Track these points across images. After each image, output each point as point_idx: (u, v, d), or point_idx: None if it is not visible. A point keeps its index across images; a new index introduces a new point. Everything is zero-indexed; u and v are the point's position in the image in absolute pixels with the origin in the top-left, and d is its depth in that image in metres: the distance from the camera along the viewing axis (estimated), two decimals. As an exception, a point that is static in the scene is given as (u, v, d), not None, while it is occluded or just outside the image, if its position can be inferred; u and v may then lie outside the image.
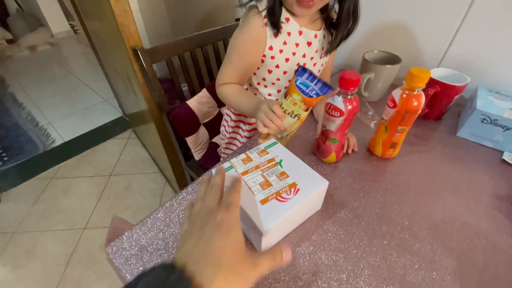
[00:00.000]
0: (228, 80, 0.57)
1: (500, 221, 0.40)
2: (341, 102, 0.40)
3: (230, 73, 0.56)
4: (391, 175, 0.47)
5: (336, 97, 0.40)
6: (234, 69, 0.55)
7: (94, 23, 1.09)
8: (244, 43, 0.52)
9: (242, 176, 0.37)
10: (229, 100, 0.56)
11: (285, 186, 0.35)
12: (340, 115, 0.40)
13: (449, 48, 0.61)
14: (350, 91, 0.39)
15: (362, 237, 0.38)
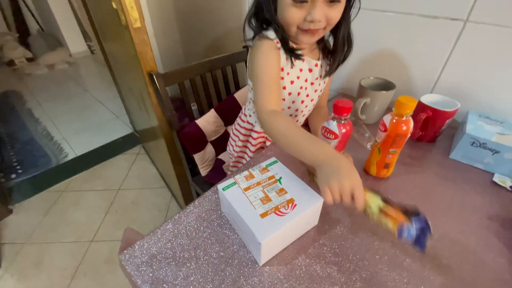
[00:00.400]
0: (272, 104, 0.50)
1: (489, 239, 0.42)
2: (335, 126, 0.44)
3: (268, 94, 0.51)
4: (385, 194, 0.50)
5: (331, 122, 0.45)
6: (270, 89, 0.51)
7: (112, 46, 1.19)
8: (268, 63, 0.52)
9: (244, 191, 0.41)
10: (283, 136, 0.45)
11: (284, 201, 0.39)
12: (335, 138, 0.44)
13: (440, 75, 0.66)
14: (343, 117, 0.43)
15: (355, 251, 0.40)
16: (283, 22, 0.50)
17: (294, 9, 0.47)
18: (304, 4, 0.46)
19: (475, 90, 0.63)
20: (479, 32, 0.58)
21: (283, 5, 0.48)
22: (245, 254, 0.40)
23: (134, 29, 0.71)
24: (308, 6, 0.46)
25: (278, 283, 0.37)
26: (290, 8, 0.47)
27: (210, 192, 0.50)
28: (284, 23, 0.50)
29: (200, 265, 0.39)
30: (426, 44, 0.65)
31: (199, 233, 0.43)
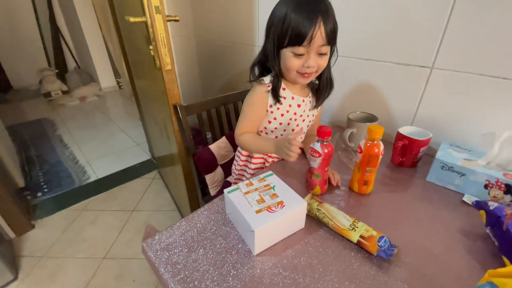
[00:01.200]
0: (245, 129, 0.75)
1: (451, 245, 0.50)
2: (319, 147, 0.56)
3: (245, 124, 0.75)
4: (365, 206, 0.59)
5: (316, 143, 0.57)
6: (248, 120, 0.74)
7: (143, 83, 1.39)
8: (253, 101, 0.73)
9: (245, 194, 0.51)
10: (250, 145, 0.74)
11: (275, 202, 0.49)
12: (319, 156, 0.56)
13: (417, 110, 0.78)
14: (325, 139, 0.55)
15: (334, 248, 0.49)
16: (286, 69, 0.66)
17: (295, 59, 0.63)
18: (301, 56, 0.63)
19: (448, 124, 0.74)
20: (444, 77, 0.70)
21: (286, 57, 0.64)
22: (243, 247, 0.49)
23: (165, 70, 0.89)
24: (305, 57, 0.63)
25: (267, 269, 0.45)
26: (292, 59, 0.63)
27: (217, 199, 0.61)
28: (286, 69, 0.66)
29: (206, 252, 0.48)
30: (403, 86, 0.78)
31: (207, 229, 0.53)
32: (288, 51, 0.62)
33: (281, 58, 0.66)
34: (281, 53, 0.65)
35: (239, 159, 0.88)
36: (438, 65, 0.70)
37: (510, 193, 0.57)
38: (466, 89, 0.68)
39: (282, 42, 0.62)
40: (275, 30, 0.62)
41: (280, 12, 0.60)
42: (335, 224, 0.51)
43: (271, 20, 0.64)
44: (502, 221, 0.47)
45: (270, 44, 0.65)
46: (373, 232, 0.49)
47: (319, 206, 0.55)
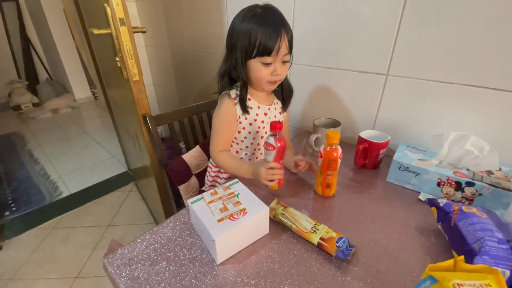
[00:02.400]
0: (220, 147, 0.75)
1: (406, 242, 0.52)
2: (273, 140, 0.59)
3: (219, 141, 0.75)
4: (328, 208, 0.61)
5: (270, 137, 0.60)
6: (221, 136, 0.75)
7: (114, 93, 1.37)
8: (223, 117, 0.74)
9: (208, 204, 0.52)
10: (226, 167, 0.73)
11: (237, 210, 0.50)
12: (273, 149, 0.59)
13: (377, 115, 0.82)
14: (277, 133, 0.58)
15: (296, 252, 0.50)
16: (256, 78, 0.69)
17: (264, 68, 0.67)
18: (269, 65, 0.66)
19: (405, 126, 0.78)
20: (398, 82, 0.75)
21: (255, 67, 0.67)
22: (207, 256, 0.50)
23: (133, 81, 0.88)
24: (272, 66, 0.67)
25: (230, 277, 0.46)
26: (261, 68, 0.67)
27: (184, 210, 0.61)
28: (257, 79, 0.69)
29: (169, 264, 0.48)
30: (363, 92, 0.83)
31: (172, 241, 0.53)
32: (256, 62, 0.66)
33: (249, 68, 0.68)
34: (249, 64, 0.68)
35: (211, 170, 0.88)
36: (392, 72, 0.75)
37: (461, 189, 0.61)
38: (419, 94, 0.73)
39: (250, 54, 0.66)
40: (242, 44, 0.65)
41: (245, 27, 0.64)
42: (297, 227, 0.52)
43: (234, 35, 0.67)
44: (450, 216, 0.51)
45: (236, 56, 0.68)
46: (333, 233, 0.51)
47: (283, 211, 0.56)
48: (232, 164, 0.71)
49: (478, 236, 0.44)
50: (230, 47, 0.69)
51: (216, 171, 0.85)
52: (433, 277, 0.34)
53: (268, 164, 0.60)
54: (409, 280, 0.45)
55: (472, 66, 0.64)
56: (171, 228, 0.56)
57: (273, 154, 0.60)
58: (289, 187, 0.69)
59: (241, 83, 0.71)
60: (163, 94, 1.88)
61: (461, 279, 0.32)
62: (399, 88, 0.76)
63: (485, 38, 0.60)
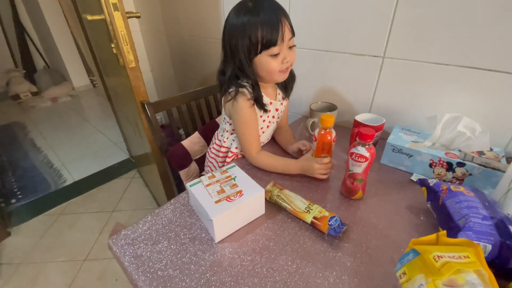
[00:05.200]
0: (255, 147, 0.72)
1: (395, 220, 0.55)
2: (364, 151, 0.54)
3: (252, 142, 0.72)
4: (323, 190, 0.64)
5: (359, 148, 0.54)
6: (253, 137, 0.72)
7: (112, 81, 1.37)
8: (247, 118, 0.70)
9: (206, 187, 0.54)
10: (270, 167, 0.71)
11: (234, 192, 0.52)
12: (365, 161, 0.54)
13: (373, 98, 0.83)
14: (367, 143, 0.54)
15: (290, 230, 0.53)
16: (268, 72, 0.67)
17: (273, 61, 0.64)
18: (277, 56, 0.64)
19: (400, 109, 0.79)
20: (395, 65, 0.75)
21: (264, 62, 0.64)
22: (206, 236, 0.52)
23: (130, 68, 0.89)
24: (280, 55, 0.64)
25: (228, 254, 0.48)
26: (271, 61, 0.64)
27: (184, 193, 0.63)
28: (268, 73, 0.67)
29: (170, 243, 0.51)
30: (360, 75, 0.83)
31: (172, 222, 0.55)
32: (263, 56, 0.64)
33: (256, 65, 0.66)
34: (255, 61, 0.65)
35: (215, 161, 0.89)
36: (389, 55, 0.75)
37: (452, 170, 0.63)
38: (415, 76, 0.73)
39: (255, 51, 0.63)
40: (243, 44, 0.63)
41: (242, 26, 0.61)
42: (292, 208, 0.55)
43: (232, 36, 0.64)
44: (439, 195, 0.53)
45: (240, 58, 0.65)
46: (326, 213, 0.53)
47: (279, 192, 0.59)
48: (276, 163, 0.70)
49: (463, 213, 0.46)
50: (230, 50, 0.65)
51: (222, 162, 0.87)
52: (416, 250, 0.36)
53: (322, 160, 0.62)
54: (396, 255, 0.47)
55: (468, 47, 0.64)
56: (171, 210, 0.58)
57: (363, 166, 0.55)
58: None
59: (251, 83, 0.68)
60: (161, 81, 1.87)
61: (441, 251, 0.34)
62: (395, 71, 0.76)
63: (482, 20, 0.60)
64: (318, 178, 0.65)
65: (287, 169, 0.68)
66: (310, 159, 0.64)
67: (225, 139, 0.82)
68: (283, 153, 0.80)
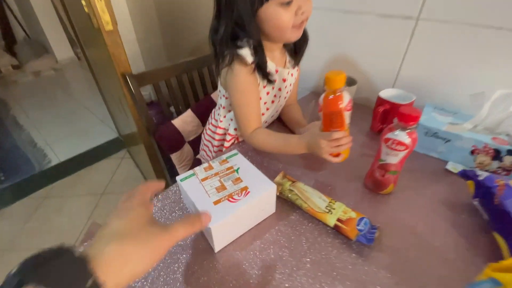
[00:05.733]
0: (252, 124, 0.58)
1: (436, 222, 0.45)
2: (405, 136, 0.41)
3: (250, 118, 0.58)
4: (342, 181, 0.53)
5: (399, 132, 0.42)
6: (251, 112, 0.58)
7: (91, 51, 1.20)
8: (245, 88, 0.56)
9: (202, 181, 0.42)
10: (268, 148, 0.58)
11: (238, 189, 0.41)
12: (405, 149, 0.42)
13: (399, 70, 0.69)
14: (410, 126, 0.41)
15: (308, 235, 0.42)
16: (277, 28, 0.52)
17: (285, 11, 0.49)
18: (289, 5, 0.49)
19: (432, 84, 0.66)
20: (431, 29, 0.61)
21: (274, 14, 0.49)
22: (202, 244, 0.42)
23: (106, 32, 0.73)
24: (293, 3, 0.49)
25: (231, 267, 0.38)
26: (282, 12, 0.49)
27: (174, 186, 0.52)
28: (279, 29, 0.52)
29: (157, 253, 0.40)
30: (385, 43, 0.69)
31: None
32: (271, 6, 0.49)
33: (262, 19, 0.51)
34: (260, 13, 0.50)
35: (211, 144, 0.76)
36: (424, 16, 0.61)
37: (498, 158, 0.52)
38: (455, 43, 0.60)
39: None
40: None
41: None
42: (309, 206, 0.44)
43: None
44: (493, 192, 0.42)
45: (239, 9, 0.50)
46: (352, 213, 0.43)
47: (291, 186, 0.48)
48: (275, 142, 0.56)
49: (535, 218, 0.36)
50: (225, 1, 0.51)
51: (219, 145, 0.74)
52: (496, 280, 0.26)
53: (331, 135, 0.46)
54: (445, 269, 0.38)
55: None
56: (159, 209, 0.47)
57: (401, 156, 0.44)
58: (295, 157, 0.60)
59: (253, 44, 0.53)
60: (149, 51, 1.68)
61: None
62: (431, 36, 0.62)
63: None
64: (328, 160, 0.49)
65: (290, 149, 0.55)
66: (316, 134, 0.49)
67: (222, 118, 0.70)
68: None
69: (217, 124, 0.71)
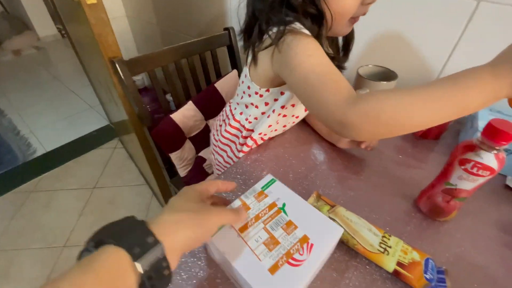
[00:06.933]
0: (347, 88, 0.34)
1: (510, 259, 0.36)
2: (493, 159, 0.32)
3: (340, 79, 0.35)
4: (386, 200, 0.43)
5: (485, 153, 0.32)
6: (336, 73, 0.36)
7: (74, 29, 1.04)
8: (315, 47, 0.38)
9: (240, 233, 0.31)
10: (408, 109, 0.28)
11: (296, 242, 0.30)
12: (490, 174, 0.33)
13: (446, 64, 0.58)
14: (501, 146, 0.32)
15: (358, 283, 0.33)
16: (338, 12, 0.40)
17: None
18: None
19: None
20: (493, 14, 0.50)
21: None
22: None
23: (88, 6, 0.59)
24: None
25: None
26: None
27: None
28: (339, 13, 0.40)
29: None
30: (433, 28, 0.57)
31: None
32: None
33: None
34: None
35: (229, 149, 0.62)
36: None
37: None
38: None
39: None
40: None
41: None
42: (359, 244, 0.35)
43: None
44: None
45: None
46: (414, 253, 0.33)
47: (331, 213, 0.38)
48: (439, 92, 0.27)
49: None
50: None
51: (228, 143, 0.61)
52: None
53: None
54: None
55: None
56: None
57: (480, 182, 0.35)
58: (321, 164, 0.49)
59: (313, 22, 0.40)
60: (142, 31, 1.51)
61: None
62: (492, 22, 0.50)
63: None
64: None
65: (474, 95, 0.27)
66: None
67: (252, 119, 0.55)
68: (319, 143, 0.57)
69: (236, 125, 0.58)
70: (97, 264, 0.19)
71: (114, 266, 0.20)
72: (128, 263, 0.20)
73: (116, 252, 0.20)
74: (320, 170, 0.49)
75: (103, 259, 0.20)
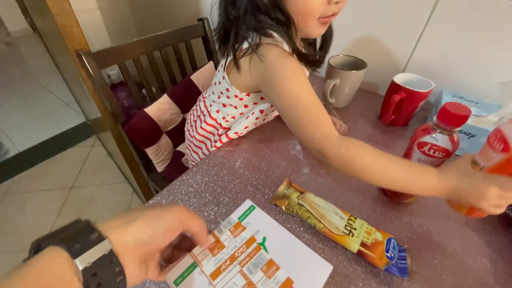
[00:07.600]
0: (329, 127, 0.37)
1: (467, 237, 0.38)
2: (447, 141, 0.33)
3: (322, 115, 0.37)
4: (354, 187, 0.44)
5: (439, 135, 0.34)
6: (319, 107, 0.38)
7: (40, 23, 0.98)
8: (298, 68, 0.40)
9: (212, 281, 0.27)
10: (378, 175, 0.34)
11: (278, 286, 0.27)
12: (445, 156, 0.34)
13: (413, 52, 0.60)
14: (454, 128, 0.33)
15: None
16: (303, 14, 0.39)
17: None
18: None
19: (449, 67, 0.58)
20: (456, 4, 0.51)
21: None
22: None
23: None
24: None
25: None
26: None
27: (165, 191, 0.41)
28: (304, 14, 0.39)
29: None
30: (399, 17, 0.58)
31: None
32: None
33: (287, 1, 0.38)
34: None
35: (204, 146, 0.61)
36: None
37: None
38: (486, 18, 0.51)
39: None
40: None
41: None
42: (325, 227, 0.36)
43: None
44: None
45: None
46: (377, 234, 0.35)
47: (300, 199, 0.39)
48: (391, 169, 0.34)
49: None
50: None
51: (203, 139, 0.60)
52: None
53: (507, 183, 0.29)
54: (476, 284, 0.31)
55: None
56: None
57: (437, 163, 0.35)
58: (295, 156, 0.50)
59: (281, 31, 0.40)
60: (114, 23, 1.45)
61: None
62: (455, 13, 0.52)
63: None
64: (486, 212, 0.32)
65: (416, 186, 0.33)
66: (477, 177, 0.31)
67: (230, 118, 0.54)
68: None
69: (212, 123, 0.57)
70: (28, 267, 0.18)
71: (47, 265, 0.18)
72: (66, 261, 0.19)
73: (52, 252, 0.19)
74: (292, 159, 0.50)
75: (36, 260, 0.18)
